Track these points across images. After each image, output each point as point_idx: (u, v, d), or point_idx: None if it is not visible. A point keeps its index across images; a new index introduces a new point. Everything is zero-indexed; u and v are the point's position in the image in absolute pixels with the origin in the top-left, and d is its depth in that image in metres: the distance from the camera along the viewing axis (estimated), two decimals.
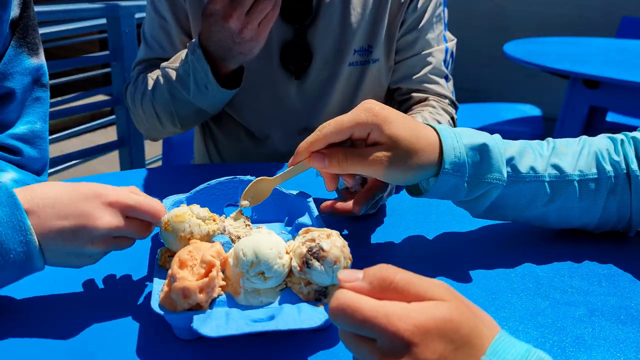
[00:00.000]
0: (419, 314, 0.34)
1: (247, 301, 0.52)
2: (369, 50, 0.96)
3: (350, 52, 0.95)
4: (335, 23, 0.93)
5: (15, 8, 0.67)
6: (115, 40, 2.05)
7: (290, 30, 0.93)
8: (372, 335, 0.35)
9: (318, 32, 0.93)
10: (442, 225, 0.73)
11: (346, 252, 0.51)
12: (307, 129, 1.00)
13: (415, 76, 0.98)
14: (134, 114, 0.98)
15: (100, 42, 3.17)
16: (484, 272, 0.63)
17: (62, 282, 0.58)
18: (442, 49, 0.99)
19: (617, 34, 2.80)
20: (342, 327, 0.36)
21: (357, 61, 0.97)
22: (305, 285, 0.52)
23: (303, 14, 0.92)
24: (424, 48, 0.97)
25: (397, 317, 0.34)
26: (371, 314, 0.34)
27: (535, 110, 2.55)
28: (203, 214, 0.56)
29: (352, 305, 0.35)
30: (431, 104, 0.96)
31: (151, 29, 0.97)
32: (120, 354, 0.48)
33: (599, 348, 0.51)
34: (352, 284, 0.36)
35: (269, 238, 0.52)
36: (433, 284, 0.36)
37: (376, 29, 0.95)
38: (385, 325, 0.34)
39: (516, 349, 0.35)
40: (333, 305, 0.35)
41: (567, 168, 0.64)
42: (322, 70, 0.96)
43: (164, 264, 0.55)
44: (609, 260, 0.65)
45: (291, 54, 0.94)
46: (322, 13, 0.92)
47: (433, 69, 0.98)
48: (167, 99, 0.90)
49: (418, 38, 0.97)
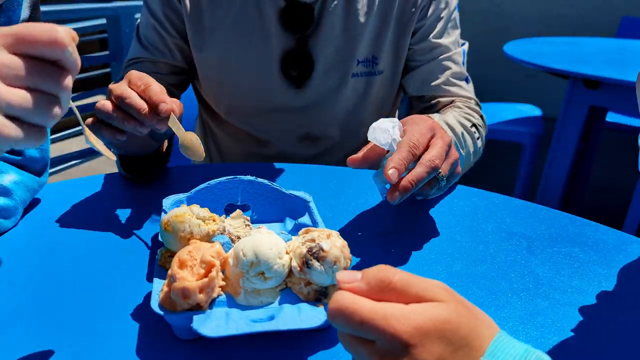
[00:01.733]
0: (418, 316, 0.34)
1: (247, 301, 0.52)
2: (373, 62, 0.95)
3: (354, 63, 0.95)
4: (337, 33, 0.93)
5: (25, 10, 0.67)
6: (115, 40, 2.05)
7: (292, 39, 0.92)
8: (370, 336, 0.35)
9: (319, 41, 0.92)
10: (442, 225, 0.73)
11: (346, 252, 0.51)
12: (308, 136, 1.00)
13: (436, 81, 0.96)
14: None
15: (100, 42, 3.18)
16: (484, 272, 0.63)
17: (62, 282, 0.58)
18: (460, 52, 0.98)
19: (617, 34, 2.80)
20: (341, 329, 0.36)
21: (362, 72, 0.96)
22: (305, 286, 0.52)
23: (304, 23, 0.91)
24: (442, 52, 0.96)
25: (396, 318, 0.34)
26: (370, 316, 0.34)
27: (535, 110, 2.55)
28: (203, 214, 0.56)
29: (351, 307, 0.35)
30: (457, 105, 0.94)
31: (145, 28, 0.96)
32: (120, 354, 0.48)
33: (599, 348, 0.51)
34: (350, 285, 0.36)
35: (269, 238, 0.52)
36: (432, 285, 0.36)
37: (381, 40, 0.94)
38: (383, 327, 0.34)
39: (515, 349, 0.35)
40: (331, 307, 0.35)
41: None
42: (324, 80, 0.95)
43: (164, 264, 0.55)
44: (609, 261, 0.65)
45: (292, 62, 0.93)
46: (324, 22, 0.92)
47: (454, 73, 0.97)
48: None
49: (435, 44, 0.96)
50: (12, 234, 0.68)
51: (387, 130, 0.64)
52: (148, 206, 0.74)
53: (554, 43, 2.31)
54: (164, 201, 0.64)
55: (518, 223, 0.74)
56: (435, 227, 0.72)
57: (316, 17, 0.91)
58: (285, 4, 0.90)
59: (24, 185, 0.70)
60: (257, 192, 0.67)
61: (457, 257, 0.66)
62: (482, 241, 0.69)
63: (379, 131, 0.64)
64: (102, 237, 0.67)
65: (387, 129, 0.64)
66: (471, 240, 0.70)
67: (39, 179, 0.73)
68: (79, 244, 0.66)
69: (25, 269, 0.60)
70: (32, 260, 0.62)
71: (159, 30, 0.94)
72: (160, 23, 0.94)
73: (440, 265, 0.64)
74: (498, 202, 0.79)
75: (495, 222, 0.74)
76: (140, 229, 0.69)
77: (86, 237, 0.67)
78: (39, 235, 0.67)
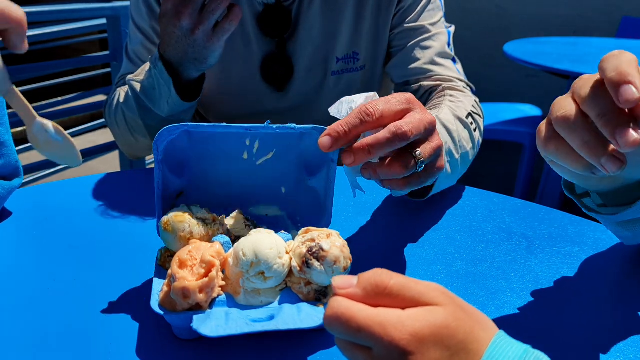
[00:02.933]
0: (414, 322, 0.34)
1: (247, 301, 0.52)
2: (354, 58, 0.94)
3: (333, 61, 0.94)
4: (315, 34, 0.92)
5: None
6: (115, 40, 2.05)
7: (271, 44, 0.93)
8: (367, 343, 0.35)
9: (298, 43, 0.93)
10: (442, 225, 0.73)
11: (346, 252, 0.51)
12: None
13: (417, 62, 0.91)
14: (112, 131, 0.96)
15: (100, 42, 3.17)
16: (483, 272, 0.63)
17: (61, 282, 0.58)
18: (445, 33, 0.94)
19: (617, 34, 2.79)
20: (338, 336, 0.36)
21: (342, 69, 0.95)
22: (305, 285, 0.52)
23: (282, 27, 0.91)
24: (422, 34, 0.92)
25: (392, 325, 0.34)
26: (366, 323, 0.34)
27: (535, 110, 2.54)
28: (203, 214, 0.56)
29: (347, 314, 0.34)
30: (447, 93, 0.85)
31: (133, 44, 0.96)
32: (120, 354, 0.48)
33: (599, 348, 0.51)
34: (346, 291, 0.36)
35: (269, 238, 0.52)
36: (428, 288, 0.36)
37: (360, 34, 0.93)
38: (380, 334, 0.33)
39: (513, 350, 0.35)
40: (327, 314, 0.35)
41: None
42: (305, 81, 0.95)
43: (164, 264, 0.55)
44: (609, 261, 0.65)
45: (272, 67, 0.94)
46: (301, 25, 0.92)
47: (438, 53, 0.92)
48: (136, 111, 0.87)
49: (414, 27, 0.92)
50: (11, 233, 0.68)
51: (353, 101, 0.54)
52: (148, 206, 0.74)
53: (554, 43, 2.31)
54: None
55: (518, 223, 0.74)
56: (435, 227, 0.73)
57: (294, 19, 0.91)
58: (262, 9, 0.91)
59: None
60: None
61: (457, 257, 0.66)
62: (482, 241, 0.69)
63: (344, 103, 0.54)
64: (102, 237, 0.67)
65: (353, 99, 0.54)
66: (471, 240, 0.70)
67: (9, 183, 0.72)
68: (79, 243, 0.66)
69: (23, 269, 0.60)
70: (32, 260, 0.62)
71: (148, 45, 0.94)
72: (148, 37, 0.94)
73: (440, 265, 0.64)
74: (498, 202, 0.79)
75: (495, 222, 0.74)
76: (140, 228, 0.69)
77: (86, 237, 0.67)
78: (38, 235, 0.67)
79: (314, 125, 0.57)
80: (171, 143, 0.56)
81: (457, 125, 0.74)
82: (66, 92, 2.40)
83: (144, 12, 0.93)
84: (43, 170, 2.06)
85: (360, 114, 0.50)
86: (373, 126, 0.51)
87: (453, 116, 0.76)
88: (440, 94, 0.86)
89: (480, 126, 0.83)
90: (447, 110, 0.76)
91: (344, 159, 0.51)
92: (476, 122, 0.81)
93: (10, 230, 0.68)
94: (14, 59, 2.51)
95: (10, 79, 0.48)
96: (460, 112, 0.78)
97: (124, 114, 0.90)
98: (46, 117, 0.52)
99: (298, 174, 0.63)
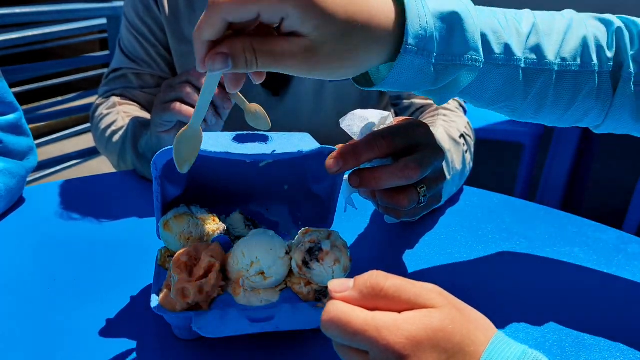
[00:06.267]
0: (410, 325, 0.34)
1: (247, 301, 0.52)
2: None
3: None
4: None
5: None
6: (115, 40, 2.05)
7: None
8: (364, 348, 0.35)
9: None
10: (442, 225, 0.73)
11: (346, 253, 0.51)
12: None
13: None
14: (96, 144, 0.95)
15: (100, 42, 3.17)
16: (484, 272, 0.63)
17: (61, 282, 0.58)
18: None
19: None
20: (334, 340, 0.36)
21: None
22: (305, 285, 0.52)
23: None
24: None
25: (388, 329, 0.34)
26: (362, 328, 0.34)
27: None
28: (203, 214, 0.56)
29: (343, 318, 0.34)
30: (440, 112, 0.85)
31: (126, 39, 0.95)
32: (120, 354, 0.48)
33: (599, 348, 0.51)
34: (342, 294, 0.36)
35: (269, 238, 0.52)
36: (424, 289, 0.36)
37: None
38: (376, 338, 0.33)
39: (512, 351, 0.35)
40: (324, 319, 0.35)
41: (549, 53, 0.51)
42: (302, 87, 0.94)
43: (163, 264, 0.55)
44: (609, 261, 0.65)
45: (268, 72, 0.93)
46: None
47: None
48: (135, 162, 0.85)
49: None
50: (10, 233, 0.68)
51: (367, 119, 0.52)
52: (148, 206, 0.74)
53: None
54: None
55: (518, 223, 0.74)
56: (435, 227, 0.72)
57: None
58: None
59: (9, 172, 0.71)
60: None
61: (457, 257, 0.66)
62: (482, 241, 0.69)
63: (357, 119, 0.52)
64: (102, 237, 0.67)
65: (366, 117, 0.52)
66: (471, 240, 0.70)
67: (24, 162, 0.74)
68: (78, 243, 0.66)
69: (23, 269, 0.60)
70: (31, 260, 0.62)
71: (142, 42, 0.94)
72: (142, 34, 0.94)
73: (440, 265, 0.64)
74: (498, 202, 0.79)
75: (495, 222, 0.74)
76: (140, 228, 0.69)
77: (85, 237, 0.67)
78: (38, 235, 0.67)
79: (321, 146, 0.54)
80: (170, 161, 0.55)
81: (450, 145, 0.73)
82: (66, 92, 2.40)
83: (140, 9, 0.93)
84: (43, 171, 2.07)
85: (373, 140, 0.50)
86: (385, 154, 0.51)
87: (447, 136, 0.75)
88: (433, 113, 0.86)
89: (471, 148, 0.81)
90: (442, 130, 0.76)
91: (350, 179, 0.51)
92: (467, 144, 0.80)
93: (10, 230, 0.68)
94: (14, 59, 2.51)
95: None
96: (454, 132, 0.77)
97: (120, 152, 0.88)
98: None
99: (302, 179, 0.63)
